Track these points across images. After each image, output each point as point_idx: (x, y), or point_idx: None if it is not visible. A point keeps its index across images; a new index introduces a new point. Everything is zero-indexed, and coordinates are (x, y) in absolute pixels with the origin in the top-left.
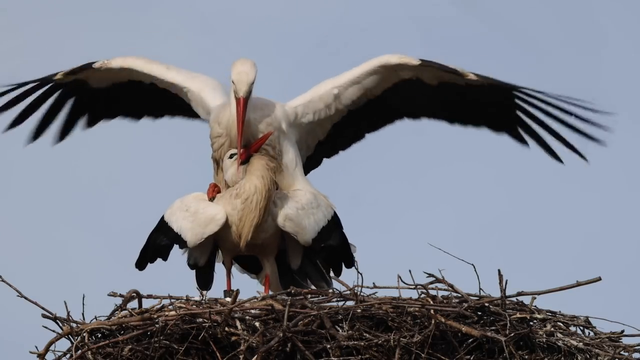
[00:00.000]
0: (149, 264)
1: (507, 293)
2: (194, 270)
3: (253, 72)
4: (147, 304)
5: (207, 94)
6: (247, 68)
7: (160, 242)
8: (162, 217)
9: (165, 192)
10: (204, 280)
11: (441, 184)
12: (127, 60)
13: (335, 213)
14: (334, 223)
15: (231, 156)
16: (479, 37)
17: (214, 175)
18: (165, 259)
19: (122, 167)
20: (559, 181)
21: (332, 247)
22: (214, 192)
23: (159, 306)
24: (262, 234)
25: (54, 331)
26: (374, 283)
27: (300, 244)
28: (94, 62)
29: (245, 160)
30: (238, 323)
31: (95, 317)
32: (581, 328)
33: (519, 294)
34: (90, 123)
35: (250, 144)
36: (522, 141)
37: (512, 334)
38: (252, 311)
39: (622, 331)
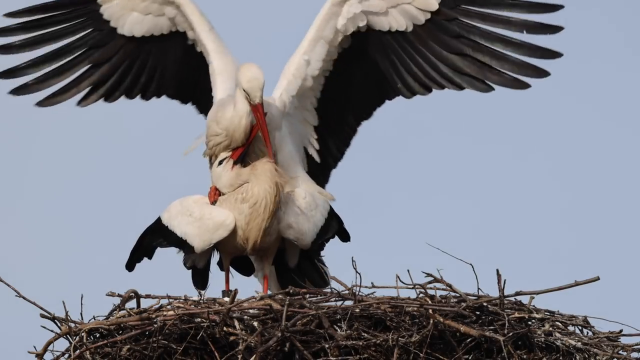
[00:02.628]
0: (137, 264)
1: (506, 293)
2: (190, 271)
3: (262, 75)
4: (145, 303)
5: (222, 81)
6: (256, 74)
7: (159, 244)
8: (160, 220)
9: (165, 193)
10: (201, 280)
11: (440, 184)
12: None
13: (331, 206)
14: (331, 216)
15: (220, 163)
16: None
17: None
18: (150, 257)
19: (122, 167)
20: (557, 181)
21: (329, 238)
22: (215, 195)
23: (157, 306)
24: (268, 237)
25: (52, 331)
26: (372, 283)
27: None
28: None
29: (238, 160)
30: (236, 323)
31: (94, 317)
32: (579, 327)
33: (518, 293)
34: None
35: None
36: (486, 85)
37: (511, 334)
38: (251, 311)
39: (621, 331)
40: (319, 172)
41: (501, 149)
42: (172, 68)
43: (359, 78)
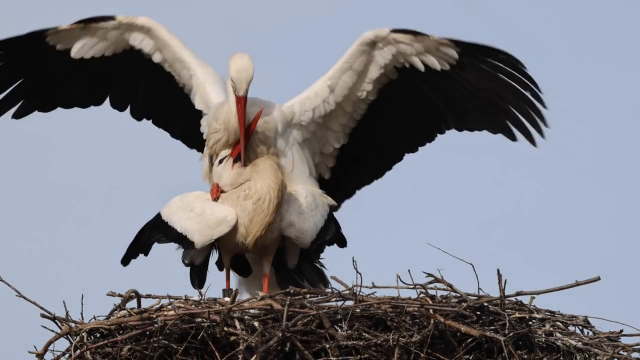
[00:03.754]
0: (132, 259)
1: (506, 293)
2: (188, 268)
3: (252, 68)
4: (145, 303)
5: (211, 87)
6: (246, 65)
7: (158, 240)
8: (159, 216)
9: (167, 192)
10: (199, 278)
11: (440, 184)
12: (153, 22)
13: (330, 210)
14: (329, 219)
15: (220, 162)
16: (479, 37)
17: (206, 172)
18: (146, 254)
19: (122, 166)
20: (558, 181)
21: (327, 241)
22: (217, 192)
23: (157, 306)
24: (270, 234)
25: (52, 331)
26: (373, 283)
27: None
28: (114, 16)
29: (238, 157)
30: (237, 323)
31: (94, 317)
32: (580, 328)
33: (518, 293)
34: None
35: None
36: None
37: (511, 334)
38: (251, 311)
39: (621, 331)
40: (333, 190)
41: (501, 148)
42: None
43: (410, 109)
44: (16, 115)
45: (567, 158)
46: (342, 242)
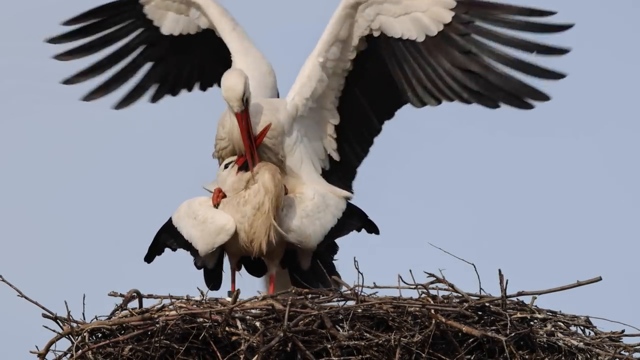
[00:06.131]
0: (157, 257)
1: (508, 293)
2: (202, 271)
3: (240, 84)
4: (147, 303)
5: None
6: (232, 83)
7: (171, 245)
8: (170, 220)
9: (169, 192)
10: (213, 280)
11: (441, 183)
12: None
13: (348, 205)
14: (348, 215)
15: (225, 166)
16: None
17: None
18: (159, 254)
19: (123, 166)
20: (559, 180)
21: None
22: (218, 197)
23: (159, 306)
24: (271, 239)
25: (54, 331)
26: (374, 283)
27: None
28: None
29: (244, 166)
30: (238, 323)
31: (96, 317)
32: (582, 328)
33: (520, 293)
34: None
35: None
36: (493, 102)
37: (513, 334)
38: (253, 311)
39: (623, 331)
40: (343, 170)
41: (502, 148)
42: (217, 59)
43: (377, 80)
44: (153, 99)
45: (567, 158)
46: (371, 229)
